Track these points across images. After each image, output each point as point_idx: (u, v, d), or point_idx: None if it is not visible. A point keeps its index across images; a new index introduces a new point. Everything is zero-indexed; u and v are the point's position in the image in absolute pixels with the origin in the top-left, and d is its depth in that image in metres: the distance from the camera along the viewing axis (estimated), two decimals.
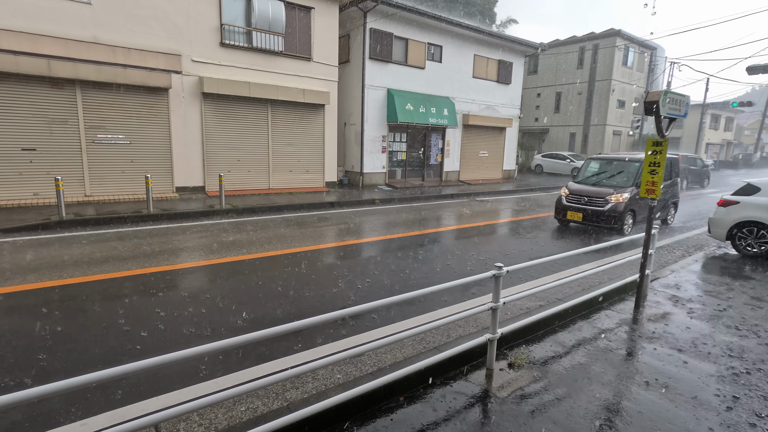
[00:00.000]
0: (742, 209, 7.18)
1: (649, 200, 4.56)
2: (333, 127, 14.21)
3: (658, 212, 9.22)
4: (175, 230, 8.06)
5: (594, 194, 8.73)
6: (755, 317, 4.66)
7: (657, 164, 4.34)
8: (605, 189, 8.76)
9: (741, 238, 7.28)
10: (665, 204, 9.62)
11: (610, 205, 8.38)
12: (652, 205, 4.60)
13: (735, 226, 7.25)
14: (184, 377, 3.17)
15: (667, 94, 4.14)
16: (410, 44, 16.00)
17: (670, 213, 10.15)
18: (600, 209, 8.48)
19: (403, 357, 3.48)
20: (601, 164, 9.84)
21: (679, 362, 3.62)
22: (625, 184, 8.84)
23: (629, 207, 8.47)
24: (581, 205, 8.83)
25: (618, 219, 8.29)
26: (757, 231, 7.06)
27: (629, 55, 27.40)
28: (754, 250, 7.12)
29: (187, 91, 11.28)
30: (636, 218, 8.84)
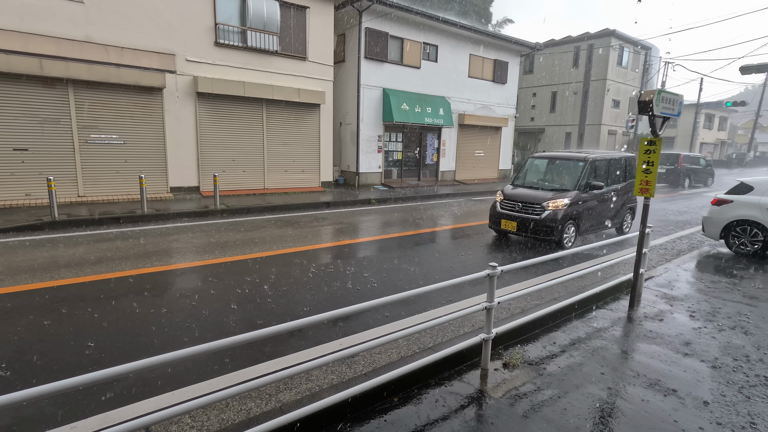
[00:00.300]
0: (735, 208, 7.21)
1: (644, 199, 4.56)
2: (328, 126, 14.17)
3: (609, 220, 8.24)
4: (169, 231, 8.00)
5: (529, 200, 7.43)
6: (749, 316, 4.68)
7: (651, 163, 4.34)
8: (543, 193, 7.54)
9: (734, 237, 7.31)
10: (619, 210, 8.44)
11: (546, 213, 7.11)
12: (647, 204, 4.61)
13: (728, 224, 7.29)
14: (175, 379, 3.14)
15: (661, 94, 4.15)
16: (406, 44, 15.98)
17: (626, 220, 8.79)
18: (535, 217, 7.19)
19: (397, 357, 3.47)
20: (543, 164, 8.60)
21: (674, 361, 3.63)
22: (566, 187, 7.61)
23: (570, 215, 7.23)
24: (516, 212, 7.52)
25: (556, 229, 7.04)
26: (750, 230, 7.10)
27: (624, 55, 27.52)
28: (747, 248, 7.15)
29: (182, 90, 11.21)
30: (580, 227, 7.54)
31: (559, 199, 7.25)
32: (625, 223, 8.81)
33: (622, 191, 8.48)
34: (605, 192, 7.94)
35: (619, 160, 8.49)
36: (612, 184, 8.20)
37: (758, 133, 46.33)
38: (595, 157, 7.84)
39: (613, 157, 8.33)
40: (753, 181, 7.34)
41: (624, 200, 8.56)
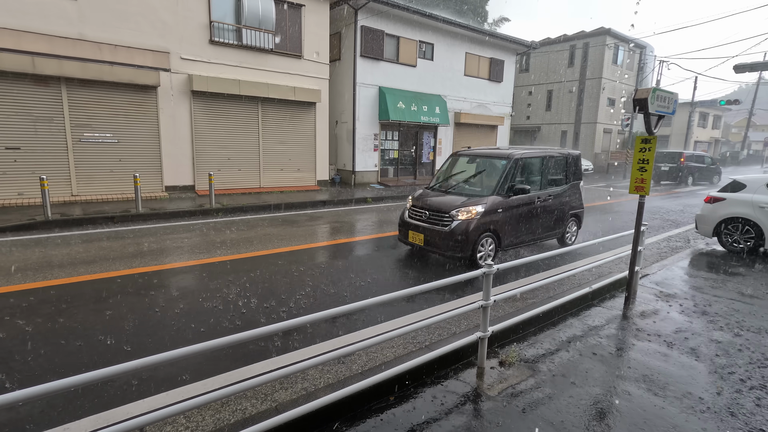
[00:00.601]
0: (728, 206, 7.26)
1: (639, 197, 4.58)
2: (324, 125, 14.13)
3: (547, 230, 6.93)
4: (164, 230, 7.96)
5: (437, 207, 6.08)
6: (743, 313, 4.71)
7: (646, 161, 4.36)
8: (454, 199, 6.15)
9: (727, 234, 7.36)
10: (560, 218, 7.07)
11: (456, 224, 5.76)
12: (641, 202, 4.62)
13: (721, 222, 7.33)
14: (170, 379, 3.12)
15: (656, 92, 4.16)
16: (401, 42, 15.96)
17: (569, 229, 7.36)
18: (443, 229, 5.85)
19: (393, 356, 3.46)
20: (465, 163, 7.20)
21: (669, 358, 3.64)
22: (484, 191, 6.28)
23: (486, 226, 5.89)
24: (423, 222, 6.19)
25: (466, 243, 5.73)
26: (742, 227, 7.14)
27: (619, 53, 27.63)
28: (741, 245, 7.20)
29: (176, 89, 11.14)
30: (502, 241, 6.19)
31: (472, 206, 5.86)
32: (568, 234, 7.38)
33: (564, 196, 7.12)
34: (538, 197, 6.64)
35: (558, 159, 7.18)
36: (548, 186, 6.90)
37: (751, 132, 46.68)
38: (522, 154, 6.52)
39: (549, 154, 7.00)
40: (745, 179, 7.39)
41: (566, 207, 7.18)
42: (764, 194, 6.93)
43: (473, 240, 5.78)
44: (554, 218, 6.96)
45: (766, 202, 6.83)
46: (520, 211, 6.37)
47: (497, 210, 6.02)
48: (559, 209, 7.01)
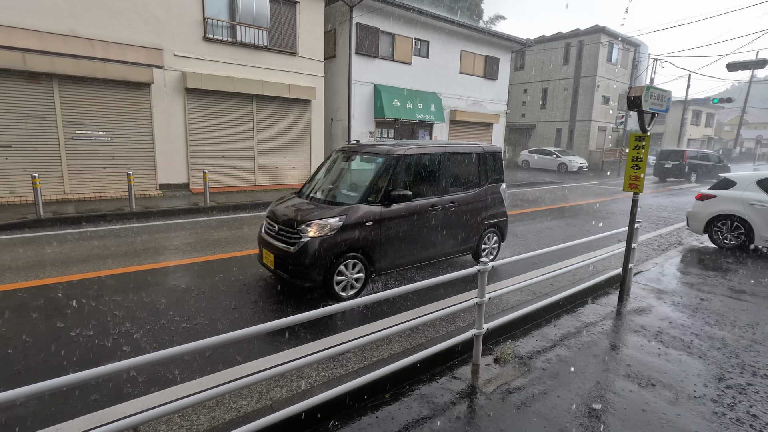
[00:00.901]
0: (718, 203, 7.35)
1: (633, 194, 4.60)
2: (319, 122, 14.09)
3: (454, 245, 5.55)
4: (158, 228, 7.91)
5: (285, 219, 4.71)
6: (734, 309, 4.76)
7: (640, 159, 4.38)
8: (307, 209, 4.72)
9: (717, 231, 7.45)
10: (469, 228, 5.66)
11: (304, 242, 4.38)
12: (635, 199, 4.65)
13: (712, 219, 7.41)
14: (165, 378, 3.10)
15: (650, 90, 4.18)
16: (397, 39, 15.93)
17: (486, 243, 5.97)
18: (289, 249, 4.50)
19: (388, 354, 3.46)
20: (342, 161, 5.63)
21: (662, 354, 3.67)
22: (347, 198, 4.86)
23: (348, 244, 4.49)
24: (273, 238, 4.83)
25: (313, 269, 4.35)
26: (732, 224, 7.24)
27: (613, 51, 27.73)
28: (731, 242, 7.29)
29: (170, 86, 11.06)
30: (377, 263, 4.77)
31: (326, 219, 4.44)
32: (485, 248, 5.95)
33: (476, 202, 5.71)
34: (434, 204, 5.19)
35: (467, 156, 5.76)
36: (451, 191, 5.48)
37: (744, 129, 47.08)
38: (408, 150, 5.04)
39: (451, 150, 5.54)
40: (735, 176, 7.48)
41: (479, 216, 5.75)
42: (754, 191, 7.01)
43: (326, 264, 4.37)
44: (461, 230, 5.57)
45: (756, 200, 6.90)
46: (406, 223, 4.92)
47: (366, 223, 4.58)
48: (468, 219, 5.62)
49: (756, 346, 3.87)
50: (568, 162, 23.91)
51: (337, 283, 4.58)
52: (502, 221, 6.21)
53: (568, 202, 13.18)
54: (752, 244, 7.04)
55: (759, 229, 6.86)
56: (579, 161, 24.23)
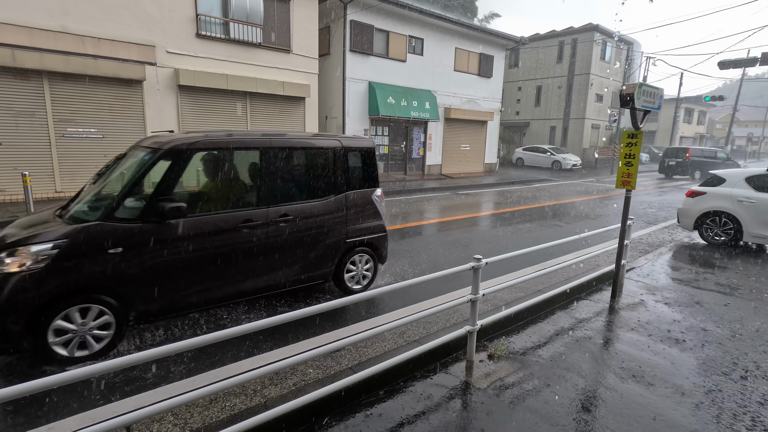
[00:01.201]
0: (708, 200, 7.46)
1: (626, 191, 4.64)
2: (314, 120, 14.04)
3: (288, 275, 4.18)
4: None
5: None
6: (724, 305, 4.81)
7: (632, 156, 4.41)
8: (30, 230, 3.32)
9: (707, 228, 7.55)
10: (329, 247, 4.44)
11: None
12: (628, 196, 4.68)
13: (702, 215, 7.51)
14: (158, 377, 3.09)
15: (642, 87, 4.20)
16: (391, 37, 15.89)
17: (353, 267, 4.72)
18: None
19: (383, 350, 3.47)
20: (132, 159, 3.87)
21: (654, 349, 3.71)
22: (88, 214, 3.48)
23: (70, 283, 3.14)
24: None
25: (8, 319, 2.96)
26: (721, 220, 7.35)
27: (607, 49, 27.87)
28: (721, 238, 7.41)
29: (162, 83, 10.96)
30: (132, 308, 3.42)
31: (25, 246, 3.09)
32: (351, 274, 4.72)
33: (328, 214, 4.39)
34: (244, 219, 3.85)
35: (305, 153, 4.43)
36: (284, 201, 4.11)
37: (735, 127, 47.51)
38: (192, 144, 3.66)
39: (280, 144, 4.12)
40: (725, 174, 7.59)
41: (335, 233, 4.46)
42: (743, 188, 7.12)
43: (30, 312, 3.01)
44: (304, 252, 4.25)
45: (745, 196, 7.00)
46: (194, 245, 3.60)
47: (109, 250, 3.23)
48: (317, 237, 4.31)
49: (744, 341, 3.92)
50: (562, 160, 24.02)
51: (57, 343, 3.10)
52: (377, 238, 4.82)
53: (562, 200, 13.25)
54: (741, 240, 7.14)
55: (747, 225, 6.97)
56: (573, 159, 24.36)
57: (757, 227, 6.90)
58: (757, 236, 6.96)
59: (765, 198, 6.86)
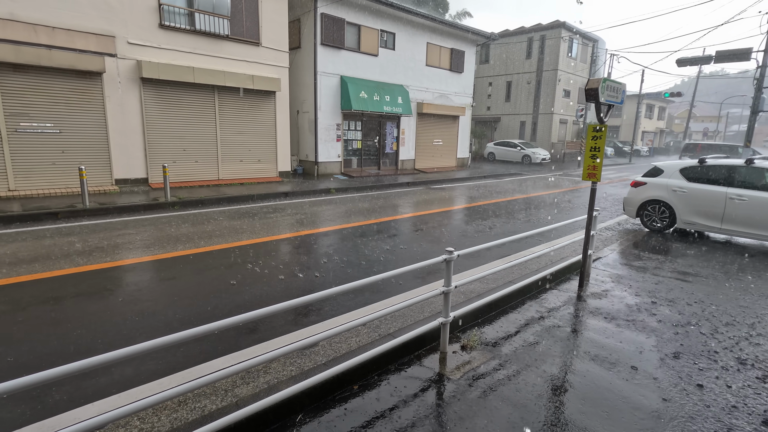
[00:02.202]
0: (648, 189, 7.97)
1: (591, 183, 4.78)
2: (285, 115, 13.80)
3: None
4: (114, 225, 7.53)
5: None
6: (684, 290, 5.06)
7: (597, 149, 4.54)
8: None
9: (647, 216, 8.07)
10: None
11: None
12: (594, 188, 4.83)
13: (642, 204, 8.03)
14: (123, 380, 2.97)
15: (606, 82, 4.33)
16: (363, 30, 15.77)
17: None
18: None
19: (357, 345, 3.45)
20: None
21: (620, 335, 3.85)
22: None
23: None
24: None
25: None
26: (659, 208, 7.85)
27: (573, 46, 28.62)
28: (658, 225, 7.94)
29: (124, 75, 10.49)
30: None
31: None
32: None
33: None
34: None
35: None
36: None
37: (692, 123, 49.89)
38: None
39: None
40: (663, 165, 8.11)
41: None
42: (677, 179, 7.66)
43: None
44: None
45: (678, 186, 7.56)
46: None
47: None
48: None
49: (701, 323, 4.13)
50: (531, 154, 24.57)
51: None
52: None
53: (532, 193, 13.57)
54: (675, 226, 7.72)
55: (680, 212, 7.56)
56: (542, 153, 24.95)
57: (688, 215, 7.45)
58: (687, 223, 7.50)
59: (695, 188, 7.37)
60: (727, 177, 7.14)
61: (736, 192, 6.93)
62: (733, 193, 6.95)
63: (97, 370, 2.78)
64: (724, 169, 7.23)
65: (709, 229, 7.31)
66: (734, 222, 6.95)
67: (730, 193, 6.97)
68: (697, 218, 7.35)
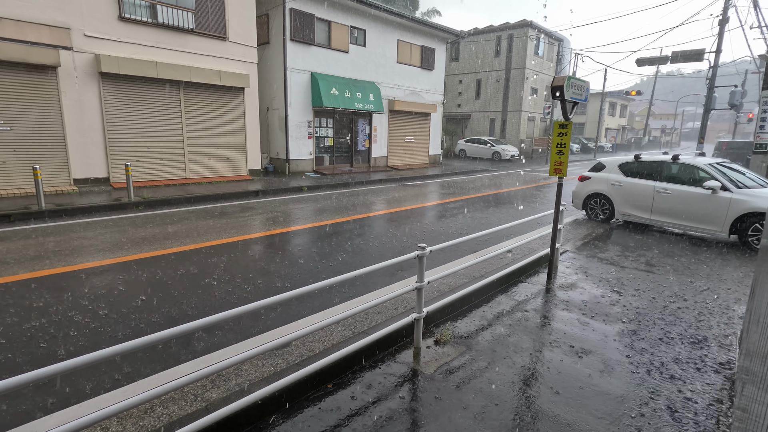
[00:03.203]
0: (592, 183, 8.53)
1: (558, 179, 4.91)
2: (254, 111, 13.51)
3: None
4: (73, 227, 7.18)
5: None
6: (647, 281, 5.29)
7: (563, 145, 4.67)
8: None
9: (591, 208, 8.63)
10: None
11: None
12: (560, 183, 4.97)
13: (587, 197, 8.60)
14: (85, 390, 2.83)
15: (570, 80, 4.45)
16: (333, 27, 15.62)
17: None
18: None
19: (331, 344, 3.42)
20: None
21: (586, 325, 3.99)
22: None
23: None
24: None
25: None
26: (601, 201, 8.42)
27: (540, 45, 29.35)
28: (600, 216, 8.50)
29: (81, 70, 9.99)
30: None
31: None
32: None
33: None
34: None
35: None
36: None
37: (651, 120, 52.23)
38: None
39: None
40: (606, 161, 8.65)
41: None
42: (616, 173, 8.22)
43: None
44: None
45: (616, 180, 8.13)
46: None
47: None
48: None
49: (659, 311, 4.33)
50: (501, 150, 25.08)
51: None
52: None
53: (502, 189, 13.85)
54: (614, 218, 8.33)
55: (617, 205, 8.14)
56: (511, 150, 25.51)
57: (624, 207, 8.05)
58: (623, 214, 8.10)
59: (629, 182, 7.95)
60: (656, 172, 7.72)
61: (662, 186, 7.50)
62: (660, 186, 7.52)
63: (53, 380, 2.65)
64: (654, 164, 7.80)
65: (641, 219, 7.90)
66: (661, 213, 7.56)
67: (658, 186, 7.54)
68: (632, 210, 7.97)
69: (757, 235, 6.58)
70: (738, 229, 6.75)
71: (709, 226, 7.00)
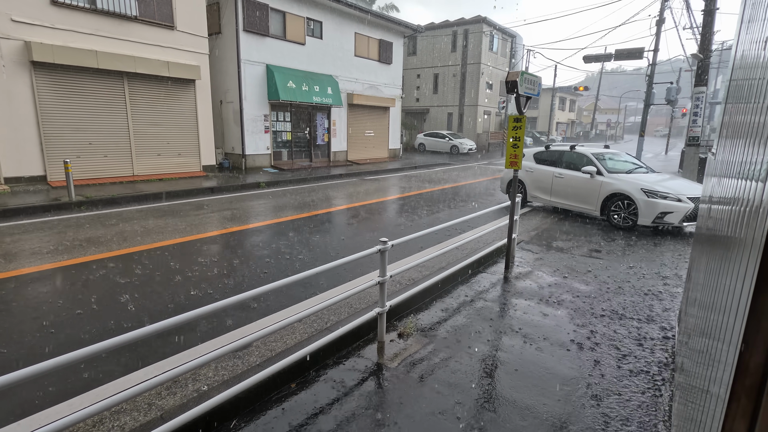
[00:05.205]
0: None
1: (513, 171, 5.06)
2: (207, 105, 12.95)
3: None
4: (6, 230, 6.59)
5: None
6: (597, 267, 5.58)
7: (518, 138, 4.82)
8: None
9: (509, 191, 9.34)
10: None
11: None
12: (516, 176, 5.12)
13: (509, 182, 9.40)
14: (27, 405, 2.61)
15: (524, 75, 4.59)
16: (288, 18, 15.23)
17: None
18: None
19: (294, 342, 3.37)
20: None
21: (542, 312, 4.16)
22: None
23: None
24: None
25: None
26: (519, 186, 9.13)
27: (494, 41, 30.09)
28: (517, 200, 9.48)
29: (9, 58, 9.14)
30: None
31: None
32: None
33: None
34: None
35: None
36: None
37: (598, 114, 55.06)
38: None
39: None
40: (527, 150, 9.48)
41: None
42: (530, 161, 9.14)
43: None
44: None
45: (529, 167, 9.09)
46: None
47: None
48: None
49: (607, 295, 4.59)
50: (459, 144, 25.57)
51: None
52: None
53: (460, 182, 14.14)
54: (528, 202, 9.34)
55: (528, 188, 9.15)
56: (468, 143, 26.07)
57: (532, 190, 9.09)
58: (532, 196, 9.13)
59: (537, 168, 9.01)
60: (557, 159, 8.82)
61: (559, 171, 8.59)
62: (557, 172, 8.61)
63: None
64: (557, 153, 8.92)
65: (543, 201, 8.97)
66: (557, 195, 8.65)
67: (556, 172, 8.63)
68: (537, 192, 9.03)
69: (617, 212, 7.64)
70: (604, 206, 7.79)
71: (587, 205, 8.11)
